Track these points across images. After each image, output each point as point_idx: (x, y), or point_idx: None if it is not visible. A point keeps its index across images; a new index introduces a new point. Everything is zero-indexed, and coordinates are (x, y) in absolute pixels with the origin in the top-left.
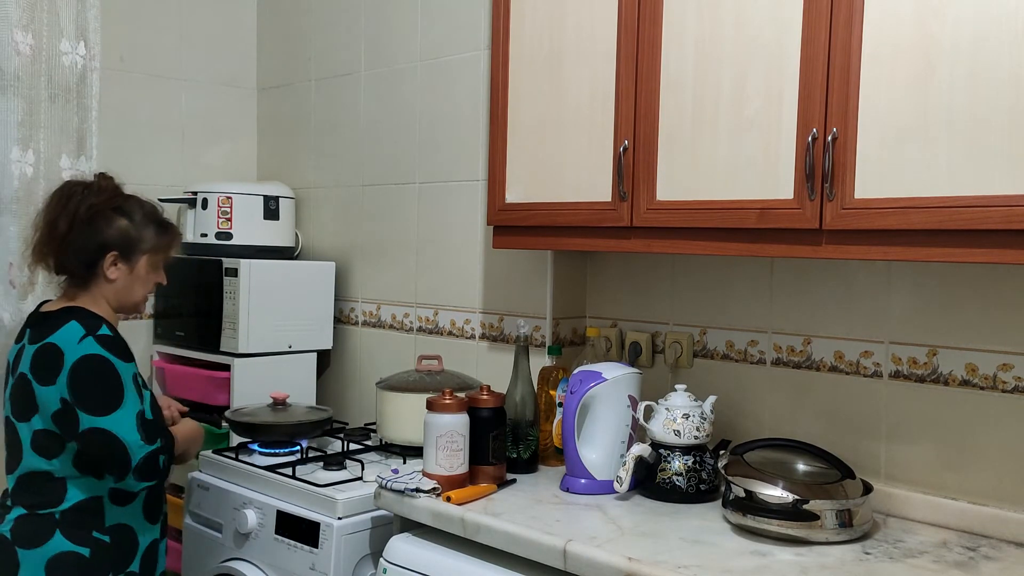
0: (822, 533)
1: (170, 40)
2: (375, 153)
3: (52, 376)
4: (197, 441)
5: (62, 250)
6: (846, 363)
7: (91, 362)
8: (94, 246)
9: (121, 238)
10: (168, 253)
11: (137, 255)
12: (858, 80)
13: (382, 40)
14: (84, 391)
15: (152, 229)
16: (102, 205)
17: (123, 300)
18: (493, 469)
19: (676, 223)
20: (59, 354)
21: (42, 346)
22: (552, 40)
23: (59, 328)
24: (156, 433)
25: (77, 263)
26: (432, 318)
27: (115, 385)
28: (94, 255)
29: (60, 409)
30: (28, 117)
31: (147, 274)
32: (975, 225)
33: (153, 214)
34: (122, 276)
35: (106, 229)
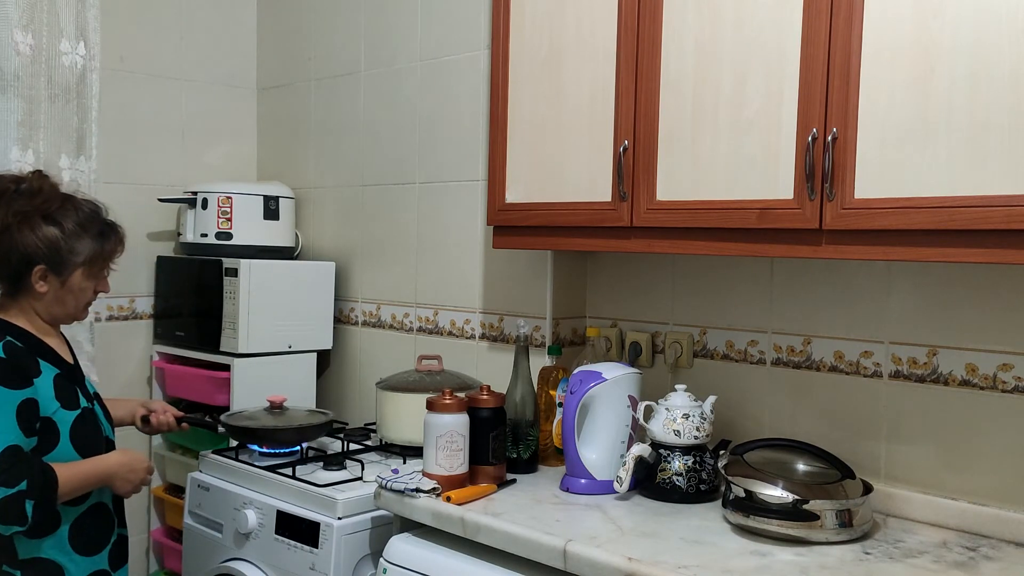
0: (822, 533)
1: (170, 40)
2: (375, 153)
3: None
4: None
5: None
6: (846, 363)
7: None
8: (18, 258)
9: (50, 250)
10: (108, 261)
11: (69, 268)
12: (858, 80)
13: (382, 40)
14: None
15: (88, 239)
16: (31, 211)
17: (55, 313)
18: (493, 469)
19: (676, 223)
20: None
21: None
22: (552, 40)
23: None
24: (22, 474)
25: (3, 275)
26: (432, 318)
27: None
28: (19, 267)
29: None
30: (28, 117)
31: (83, 285)
32: (975, 225)
33: (91, 220)
34: (52, 290)
35: (33, 240)
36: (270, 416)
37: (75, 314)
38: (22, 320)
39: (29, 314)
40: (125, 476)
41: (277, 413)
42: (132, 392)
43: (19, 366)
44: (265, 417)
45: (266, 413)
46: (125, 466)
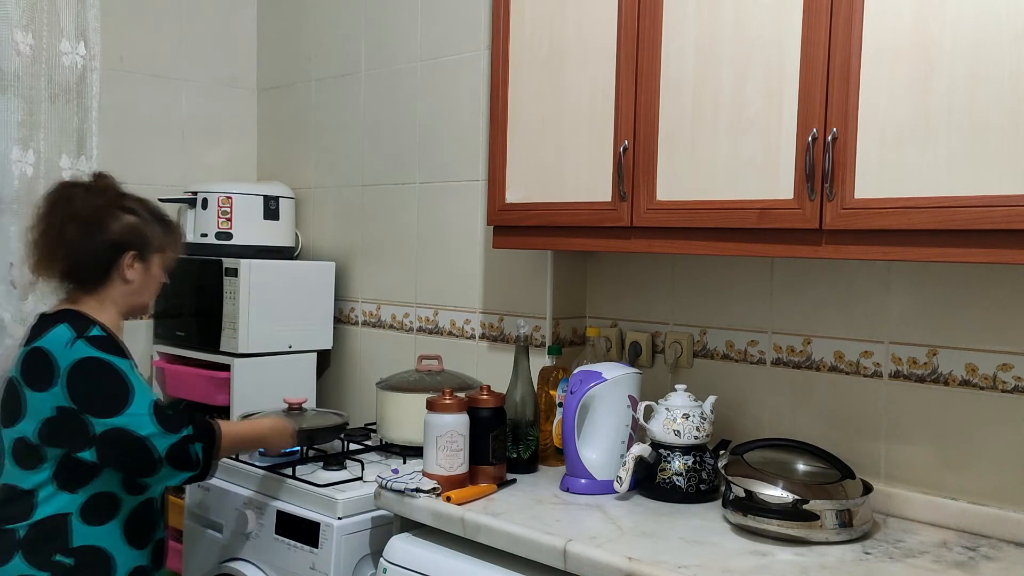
0: (822, 533)
1: (170, 40)
2: (375, 153)
3: (45, 382)
4: (272, 438)
5: (72, 255)
6: (846, 363)
7: (87, 365)
8: (108, 247)
9: (136, 236)
10: (175, 252)
11: (151, 253)
12: (858, 80)
13: (382, 40)
14: (87, 395)
15: (158, 226)
16: (110, 204)
17: (134, 302)
18: (493, 469)
19: (676, 223)
20: (49, 359)
21: (31, 350)
22: (552, 40)
23: (46, 331)
24: (180, 421)
25: (90, 267)
26: (432, 318)
27: (118, 382)
28: (109, 256)
29: (55, 417)
30: (28, 117)
31: (157, 273)
32: (975, 225)
33: (157, 211)
34: (139, 276)
35: (119, 228)
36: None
37: (147, 304)
38: (99, 316)
39: (106, 308)
40: (276, 440)
41: (295, 414)
42: None
43: (120, 342)
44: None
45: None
46: (275, 430)
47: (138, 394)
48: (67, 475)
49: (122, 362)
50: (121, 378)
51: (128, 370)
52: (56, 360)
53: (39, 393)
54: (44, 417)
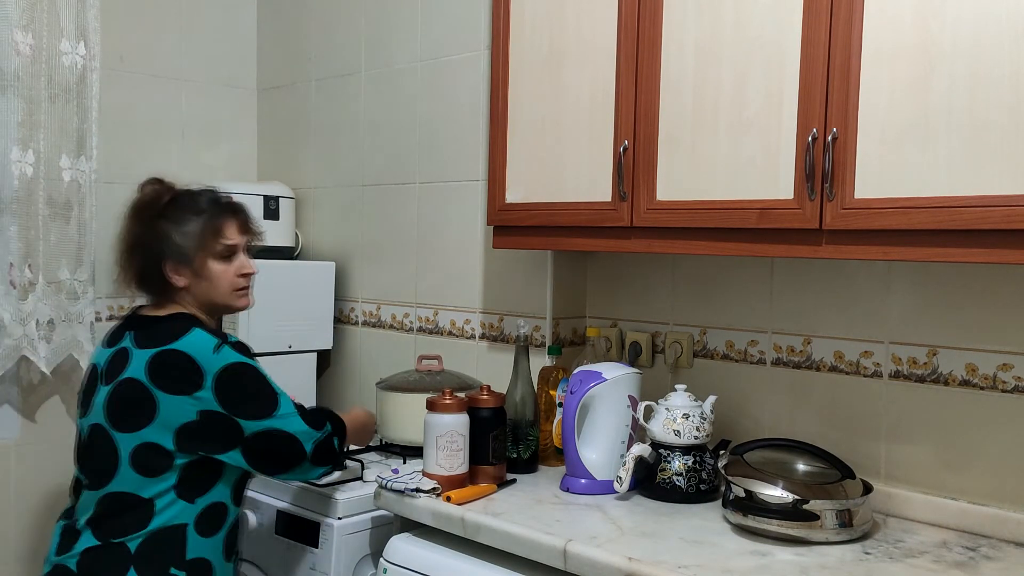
0: (822, 533)
1: (170, 40)
2: (375, 153)
3: (187, 386)
4: (368, 427)
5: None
6: (846, 363)
7: (237, 370)
8: (151, 264)
9: (167, 244)
10: (226, 238)
11: (190, 254)
12: (858, 80)
13: (382, 40)
14: (240, 400)
15: (194, 220)
16: (151, 216)
17: (209, 303)
18: (493, 469)
19: (676, 223)
20: (191, 363)
21: (162, 352)
22: (552, 40)
23: (182, 335)
24: (322, 418)
25: (151, 285)
26: (432, 318)
27: (266, 386)
28: (154, 271)
29: (198, 422)
30: (28, 117)
31: (216, 269)
32: (975, 225)
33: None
34: (192, 282)
35: (153, 240)
36: None
37: (226, 302)
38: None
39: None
40: (370, 429)
41: None
42: None
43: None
44: None
45: None
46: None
47: (282, 396)
48: (189, 483)
49: (260, 367)
50: (266, 382)
51: (265, 373)
52: (202, 364)
53: (179, 397)
54: (184, 422)
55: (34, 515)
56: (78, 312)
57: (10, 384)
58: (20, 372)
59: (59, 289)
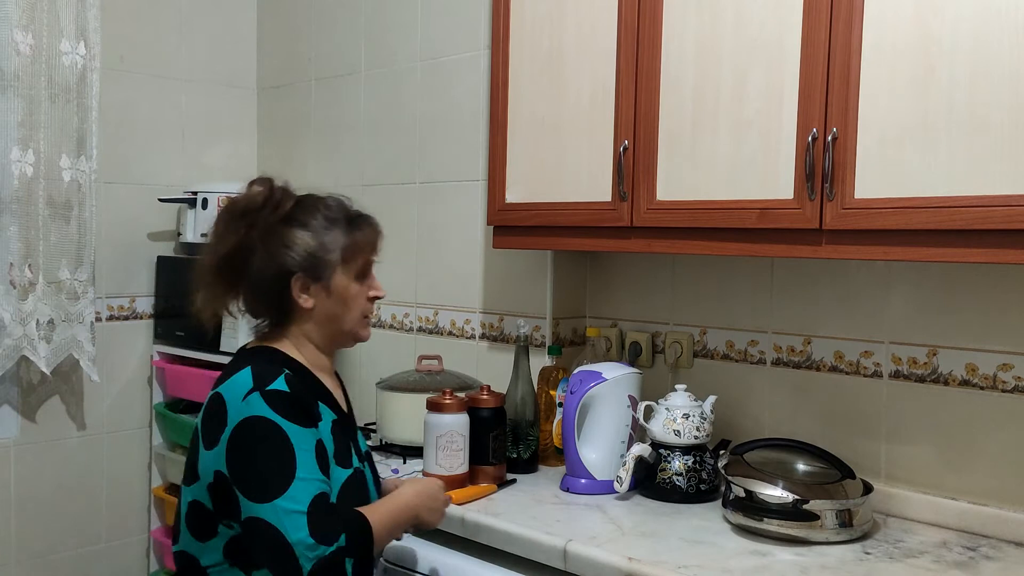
0: (822, 533)
1: (170, 40)
2: (375, 153)
3: (214, 438)
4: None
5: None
6: (846, 363)
7: (253, 427)
8: (272, 275)
9: (301, 254)
10: (367, 254)
11: (328, 269)
12: (858, 80)
13: (382, 40)
14: (242, 466)
15: (338, 231)
16: (273, 221)
17: (331, 333)
18: (493, 469)
19: (676, 223)
20: (222, 410)
21: (212, 396)
22: (552, 40)
23: (231, 375)
24: (337, 528)
25: (264, 303)
26: (432, 318)
27: (280, 460)
28: (276, 286)
29: (213, 483)
30: (28, 117)
31: (351, 289)
32: (975, 225)
33: (337, 212)
34: (319, 302)
35: (281, 249)
36: None
37: (354, 329)
38: (295, 353)
39: (302, 344)
40: (429, 506)
41: None
42: (132, 391)
43: (304, 402)
44: None
45: None
46: (424, 495)
47: (300, 480)
48: (239, 553)
49: (297, 431)
50: (284, 453)
51: (300, 442)
52: (227, 414)
53: (208, 451)
54: (207, 482)
55: (34, 515)
56: (78, 312)
57: (10, 384)
58: (20, 372)
59: (59, 289)
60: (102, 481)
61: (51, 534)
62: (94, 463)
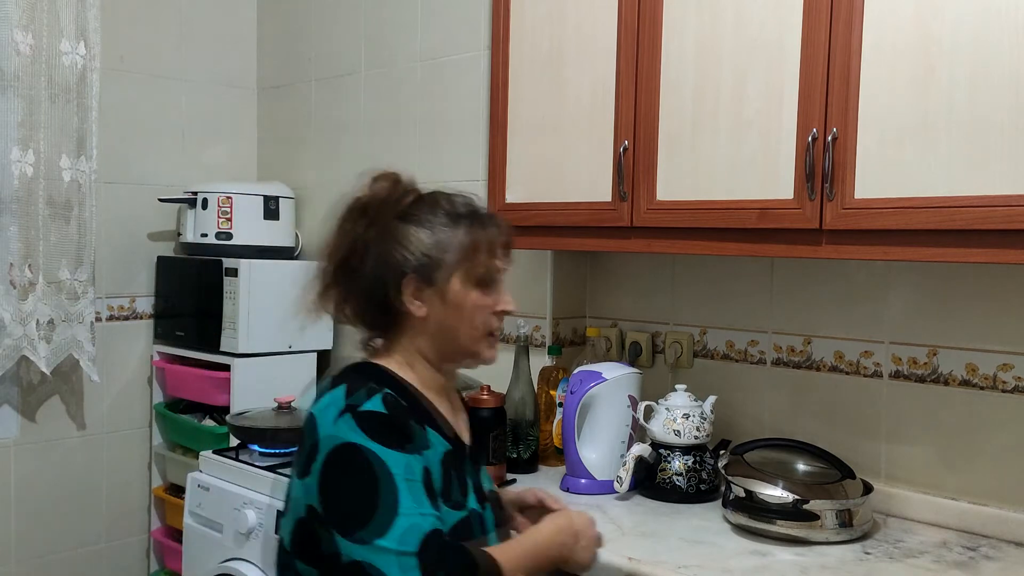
0: (822, 533)
1: (170, 40)
2: (375, 153)
3: (305, 466)
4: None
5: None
6: (846, 363)
7: (346, 454)
8: (381, 277)
9: (414, 253)
10: (493, 258)
11: (444, 271)
12: (858, 80)
13: (382, 40)
14: (336, 500)
15: (459, 230)
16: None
17: (447, 348)
18: (493, 469)
19: (676, 223)
20: (314, 436)
21: (305, 418)
22: (552, 40)
23: (325, 393)
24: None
25: (370, 309)
26: None
27: (380, 492)
28: (385, 290)
29: (305, 518)
30: (28, 117)
31: (472, 298)
32: (975, 225)
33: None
34: (433, 311)
35: (392, 247)
36: (275, 416)
37: (472, 347)
38: (404, 371)
39: (414, 360)
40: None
41: (284, 413)
42: (132, 391)
43: (405, 426)
44: (270, 417)
45: (272, 413)
46: (566, 532)
47: (404, 516)
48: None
49: (398, 459)
50: (384, 484)
51: (403, 471)
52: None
53: (300, 480)
54: (299, 516)
55: (34, 515)
56: (78, 312)
57: (10, 384)
58: (20, 372)
59: (59, 289)
60: (102, 481)
61: (51, 534)
62: (94, 463)
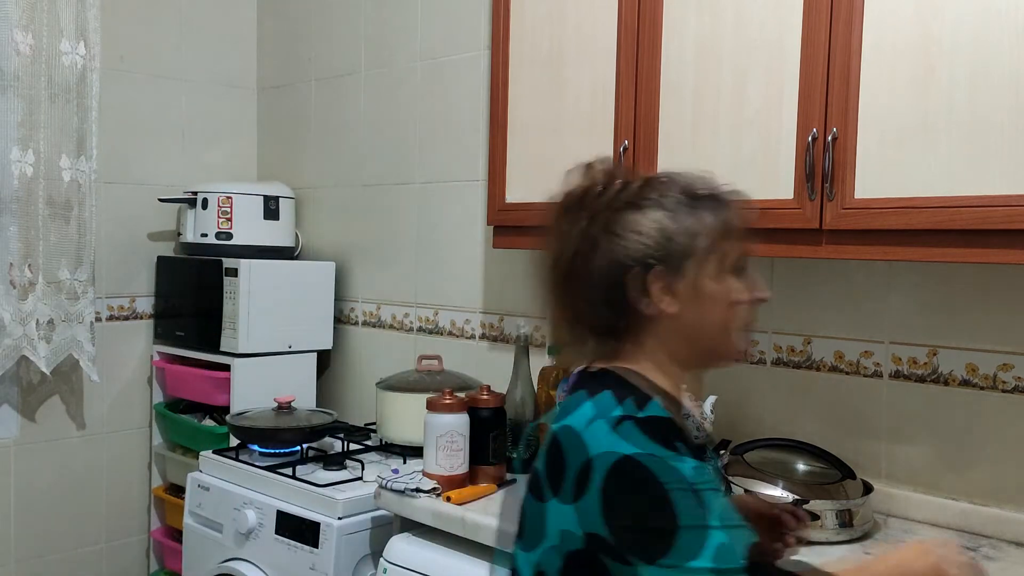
0: (822, 533)
1: (170, 40)
2: (375, 153)
3: (573, 488)
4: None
5: (581, 299)
6: (846, 363)
7: (629, 469)
8: (619, 272)
9: (657, 240)
10: (744, 239)
11: (693, 258)
12: (858, 80)
13: (382, 40)
14: (634, 521)
15: (706, 211)
16: (617, 206)
17: (704, 346)
18: (493, 469)
19: None
20: (580, 451)
21: (555, 433)
22: (552, 40)
23: (581, 404)
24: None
25: (608, 310)
26: (432, 318)
27: (671, 507)
28: (626, 287)
29: (582, 549)
30: (28, 117)
31: (727, 285)
32: (975, 225)
33: (698, 185)
34: (684, 306)
35: (629, 237)
36: (275, 416)
37: (729, 343)
38: (660, 379)
39: (665, 367)
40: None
41: (283, 413)
42: (132, 391)
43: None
44: (270, 417)
45: (272, 413)
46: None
47: (714, 530)
48: None
49: (695, 468)
50: (680, 496)
51: (703, 480)
52: (590, 453)
53: (565, 505)
54: (571, 548)
55: (33, 515)
56: (78, 312)
57: (10, 384)
58: (20, 372)
59: (59, 289)
60: (102, 481)
61: (51, 534)
62: (94, 463)
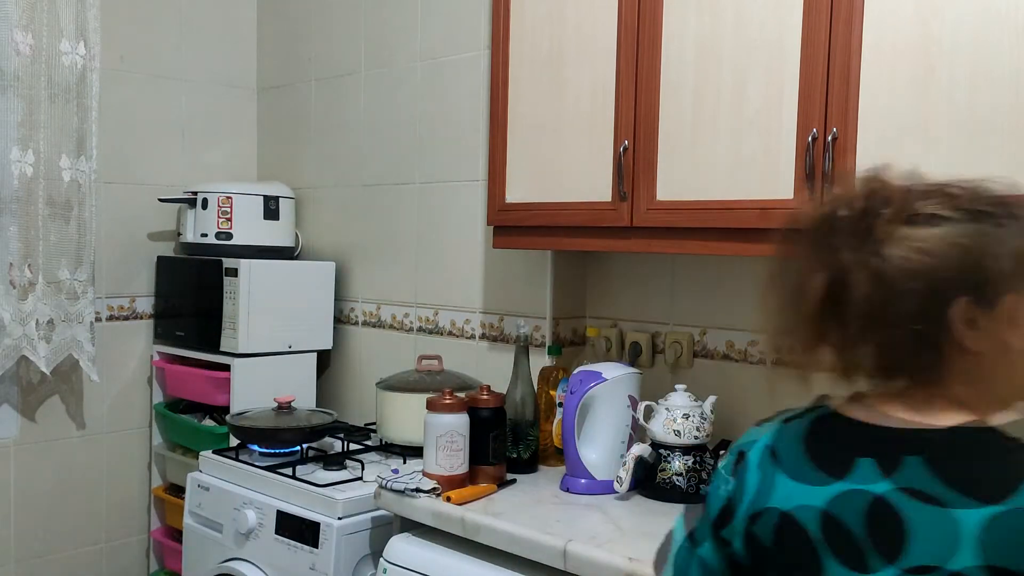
0: None
1: (170, 40)
2: (375, 153)
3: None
4: None
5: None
6: None
7: None
8: (912, 301)
9: (958, 264)
10: None
11: (1000, 287)
12: (858, 80)
13: (382, 40)
14: None
15: (1004, 229)
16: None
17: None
18: (493, 469)
19: (676, 223)
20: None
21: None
22: (552, 40)
23: None
24: None
25: (899, 347)
26: (432, 318)
27: None
28: (912, 319)
29: None
30: (28, 117)
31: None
32: None
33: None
34: (989, 340)
35: (920, 259)
36: (275, 416)
37: None
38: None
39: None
40: None
41: (283, 413)
42: (132, 391)
43: None
44: (270, 417)
45: (272, 413)
46: None
47: None
48: None
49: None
50: None
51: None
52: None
53: None
54: None
55: (34, 515)
56: (78, 312)
57: (10, 384)
58: (20, 372)
59: (59, 289)
60: (102, 481)
61: (51, 534)
62: (94, 463)
